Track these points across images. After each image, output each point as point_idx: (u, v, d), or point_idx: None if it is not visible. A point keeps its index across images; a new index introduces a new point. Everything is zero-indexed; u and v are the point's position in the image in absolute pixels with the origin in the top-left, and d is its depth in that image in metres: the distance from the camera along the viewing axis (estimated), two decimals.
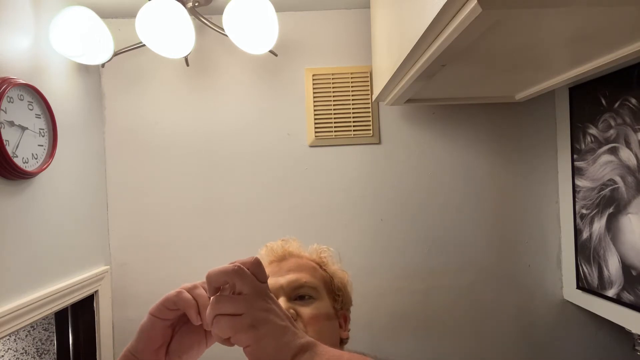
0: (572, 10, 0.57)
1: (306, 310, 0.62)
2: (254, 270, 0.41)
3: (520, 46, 0.74)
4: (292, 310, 0.61)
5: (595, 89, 1.07)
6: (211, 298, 0.39)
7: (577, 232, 1.17)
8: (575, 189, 1.17)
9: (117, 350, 1.22)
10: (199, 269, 1.23)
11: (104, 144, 1.24)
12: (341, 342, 0.70)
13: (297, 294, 0.64)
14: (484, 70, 0.89)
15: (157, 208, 1.24)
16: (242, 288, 0.39)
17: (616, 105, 1.00)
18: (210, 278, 0.39)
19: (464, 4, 0.55)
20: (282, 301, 0.62)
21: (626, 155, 0.98)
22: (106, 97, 1.24)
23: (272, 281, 0.65)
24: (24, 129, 0.87)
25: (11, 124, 0.84)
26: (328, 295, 0.68)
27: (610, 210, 1.03)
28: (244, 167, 1.25)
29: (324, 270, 0.72)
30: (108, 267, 1.22)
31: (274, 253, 0.73)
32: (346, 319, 0.72)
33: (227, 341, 0.38)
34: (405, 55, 0.77)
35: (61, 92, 1.05)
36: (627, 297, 0.98)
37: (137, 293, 1.22)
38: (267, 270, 0.69)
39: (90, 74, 1.19)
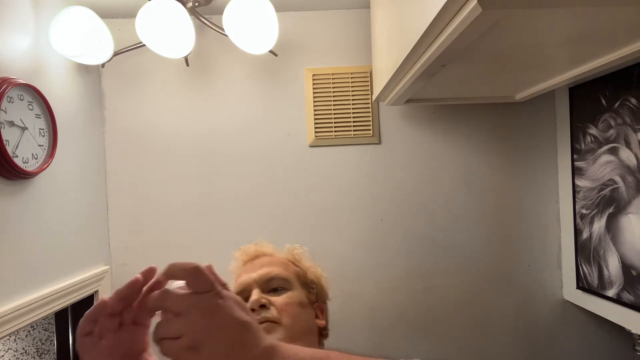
0: (572, 10, 0.57)
1: (279, 299, 0.66)
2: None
3: (520, 46, 0.74)
4: (264, 300, 0.64)
5: (595, 89, 1.07)
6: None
7: (577, 232, 1.17)
8: (575, 189, 1.17)
9: None
10: None
11: (104, 144, 1.24)
12: (321, 334, 0.73)
13: (270, 286, 0.68)
14: (484, 70, 0.89)
15: (157, 208, 1.24)
16: (195, 287, 0.37)
17: (616, 105, 1.00)
18: (168, 272, 0.38)
19: (464, 4, 0.55)
20: (255, 292, 0.66)
21: (626, 155, 0.98)
22: (106, 97, 1.24)
23: (245, 277, 0.70)
24: (24, 129, 0.87)
25: (11, 124, 0.84)
26: (302, 287, 0.72)
27: (610, 210, 1.03)
28: (244, 167, 1.24)
29: (297, 265, 0.77)
30: (108, 267, 1.22)
31: (247, 253, 0.79)
32: (323, 310, 0.75)
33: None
34: (405, 55, 0.77)
35: (61, 92, 1.05)
36: (627, 297, 0.98)
37: None
38: (242, 269, 0.75)
39: (90, 74, 1.19)
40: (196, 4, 1.09)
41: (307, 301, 0.71)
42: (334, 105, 1.24)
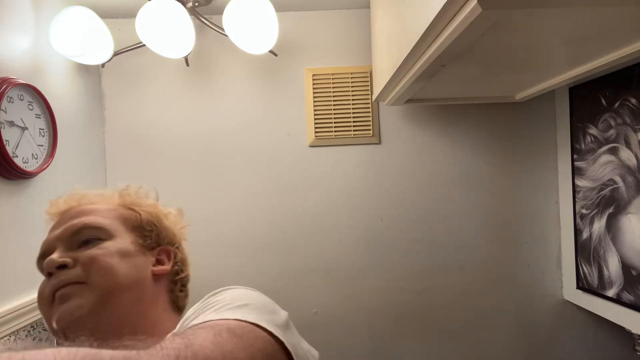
0: (572, 10, 0.57)
1: (85, 253, 0.53)
2: None
3: (520, 46, 0.74)
4: (61, 259, 0.53)
5: (595, 89, 1.07)
6: None
7: (577, 232, 1.17)
8: (575, 189, 1.17)
9: None
10: (199, 268, 1.23)
11: (104, 144, 1.24)
12: (173, 281, 0.63)
13: (80, 239, 0.55)
14: (484, 70, 0.89)
15: None
16: None
17: (616, 105, 1.00)
18: None
19: (464, 4, 0.55)
20: (55, 253, 0.54)
21: (626, 155, 0.98)
22: (106, 97, 1.24)
23: (48, 237, 0.58)
24: (24, 129, 0.87)
25: (11, 124, 0.84)
26: (131, 232, 0.60)
27: (610, 210, 1.03)
28: (244, 167, 1.25)
29: (129, 208, 0.63)
30: None
31: (56, 208, 0.63)
32: (169, 254, 0.64)
33: None
34: (405, 55, 0.77)
35: (61, 92, 1.05)
36: (627, 297, 0.98)
37: None
38: (50, 227, 0.60)
39: (90, 74, 1.19)
40: (196, 4, 1.09)
41: (136, 247, 0.58)
42: (334, 105, 1.24)
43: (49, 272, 0.53)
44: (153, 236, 0.62)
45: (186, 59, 1.16)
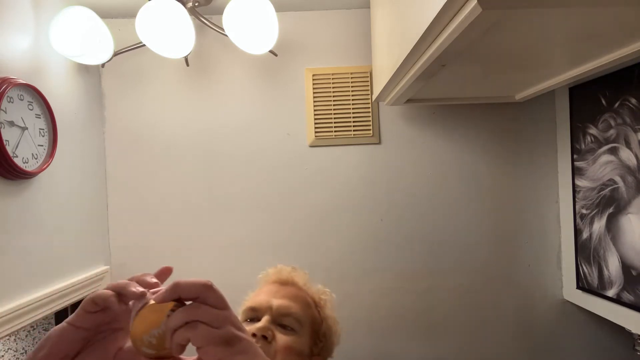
0: (572, 10, 0.57)
1: (282, 338, 0.63)
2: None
3: (520, 46, 0.74)
4: (269, 332, 0.62)
5: (595, 89, 1.07)
6: (185, 304, 0.38)
7: (577, 232, 1.17)
8: (575, 189, 1.17)
9: None
10: (199, 268, 1.23)
11: (104, 144, 1.24)
12: None
13: (282, 321, 0.65)
14: (484, 70, 0.89)
15: (157, 208, 1.24)
16: (216, 304, 0.37)
17: (616, 105, 1.00)
18: (179, 287, 0.37)
19: (464, 4, 0.55)
20: (265, 320, 0.64)
21: (626, 155, 0.98)
22: (106, 97, 1.24)
23: (264, 298, 0.68)
24: (24, 129, 0.87)
25: (11, 124, 0.84)
26: (310, 335, 0.69)
27: (610, 210, 1.03)
28: (244, 167, 1.25)
29: (318, 311, 0.73)
30: (108, 267, 1.22)
31: (280, 275, 0.75)
32: None
33: (179, 349, 0.36)
34: (405, 55, 0.77)
35: (61, 92, 1.05)
36: (627, 297, 0.98)
37: None
38: (266, 288, 0.72)
39: (90, 74, 1.19)
40: (196, 4, 1.09)
41: (309, 352, 0.67)
42: (334, 105, 1.24)
43: (254, 333, 0.61)
44: (320, 346, 0.70)
45: (186, 59, 1.16)
